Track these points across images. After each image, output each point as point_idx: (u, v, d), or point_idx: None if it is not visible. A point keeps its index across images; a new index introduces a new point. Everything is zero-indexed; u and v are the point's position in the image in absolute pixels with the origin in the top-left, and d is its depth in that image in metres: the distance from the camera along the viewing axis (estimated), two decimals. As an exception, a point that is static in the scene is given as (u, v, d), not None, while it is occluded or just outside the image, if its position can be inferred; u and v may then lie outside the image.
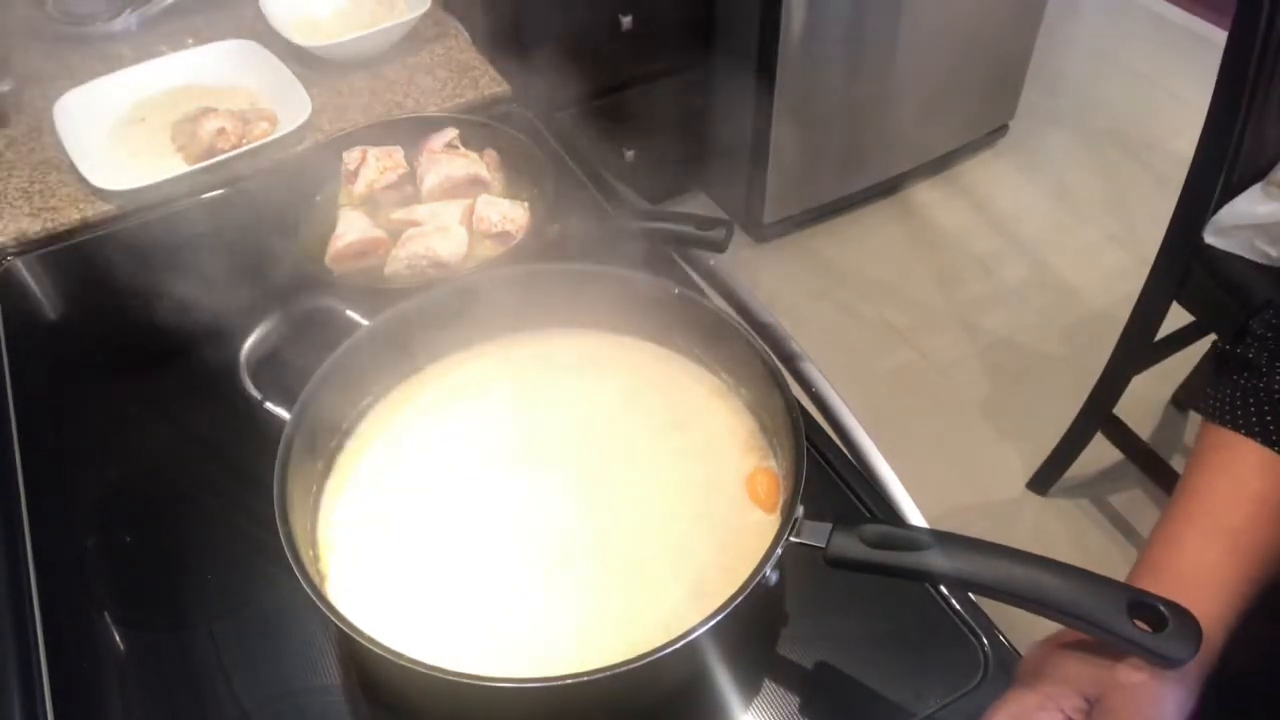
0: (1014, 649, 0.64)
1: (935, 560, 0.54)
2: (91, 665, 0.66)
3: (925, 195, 2.47)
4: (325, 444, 0.69)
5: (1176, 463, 1.84)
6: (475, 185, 0.94)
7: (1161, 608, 0.50)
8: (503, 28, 1.88)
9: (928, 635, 0.66)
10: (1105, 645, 0.52)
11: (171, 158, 1.08)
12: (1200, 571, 0.57)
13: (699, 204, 2.44)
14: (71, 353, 0.88)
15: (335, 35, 1.20)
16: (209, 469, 0.73)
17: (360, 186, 0.95)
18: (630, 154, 2.17)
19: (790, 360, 0.83)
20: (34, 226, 1.00)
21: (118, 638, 0.68)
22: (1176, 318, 1.49)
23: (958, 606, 0.66)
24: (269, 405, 0.66)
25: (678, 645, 0.52)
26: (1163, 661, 0.50)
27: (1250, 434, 0.61)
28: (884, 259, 2.32)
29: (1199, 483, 0.61)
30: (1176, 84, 2.78)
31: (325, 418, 0.68)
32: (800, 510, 0.58)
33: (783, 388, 0.65)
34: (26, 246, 0.99)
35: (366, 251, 0.88)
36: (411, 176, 0.96)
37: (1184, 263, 1.39)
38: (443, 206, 0.91)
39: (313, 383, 0.66)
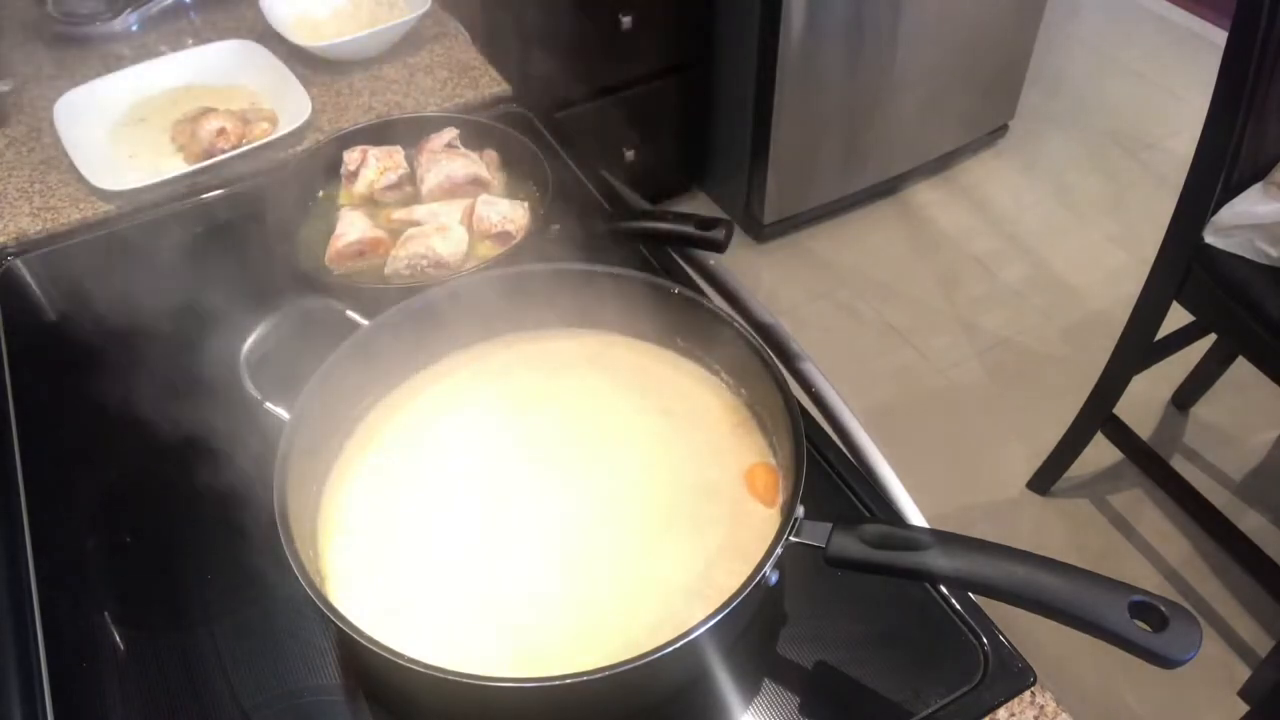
0: (1014, 649, 0.64)
1: (935, 560, 0.54)
2: (91, 665, 0.66)
3: (925, 195, 2.47)
4: (325, 444, 0.69)
5: (1177, 463, 1.85)
6: (475, 185, 0.94)
7: (1162, 608, 0.50)
8: (503, 28, 1.87)
9: (928, 635, 0.66)
10: None
11: (171, 158, 1.08)
12: None
13: (699, 204, 2.44)
14: (71, 353, 0.88)
15: (335, 35, 1.20)
16: (209, 469, 0.73)
17: (360, 186, 0.95)
18: (630, 154, 2.16)
19: (790, 360, 0.83)
20: (34, 226, 1.00)
21: (118, 638, 0.68)
22: (1176, 318, 1.49)
23: (958, 606, 0.66)
24: (269, 405, 0.66)
25: (678, 645, 0.52)
26: (1163, 662, 0.49)
27: None
28: (884, 259, 2.32)
29: None
30: (1176, 84, 2.78)
31: (325, 417, 0.68)
32: (800, 510, 0.58)
33: (783, 387, 0.65)
34: (26, 246, 0.99)
35: (366, 251, 0.88)
36: (411, 176, 0.96)
37: (1184, 263, 1.39)
38: (443, 206, 0.91)
39: (313, 383, 0.66)
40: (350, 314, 0.73)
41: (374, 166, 0.95)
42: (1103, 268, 2.27)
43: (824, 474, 0.75)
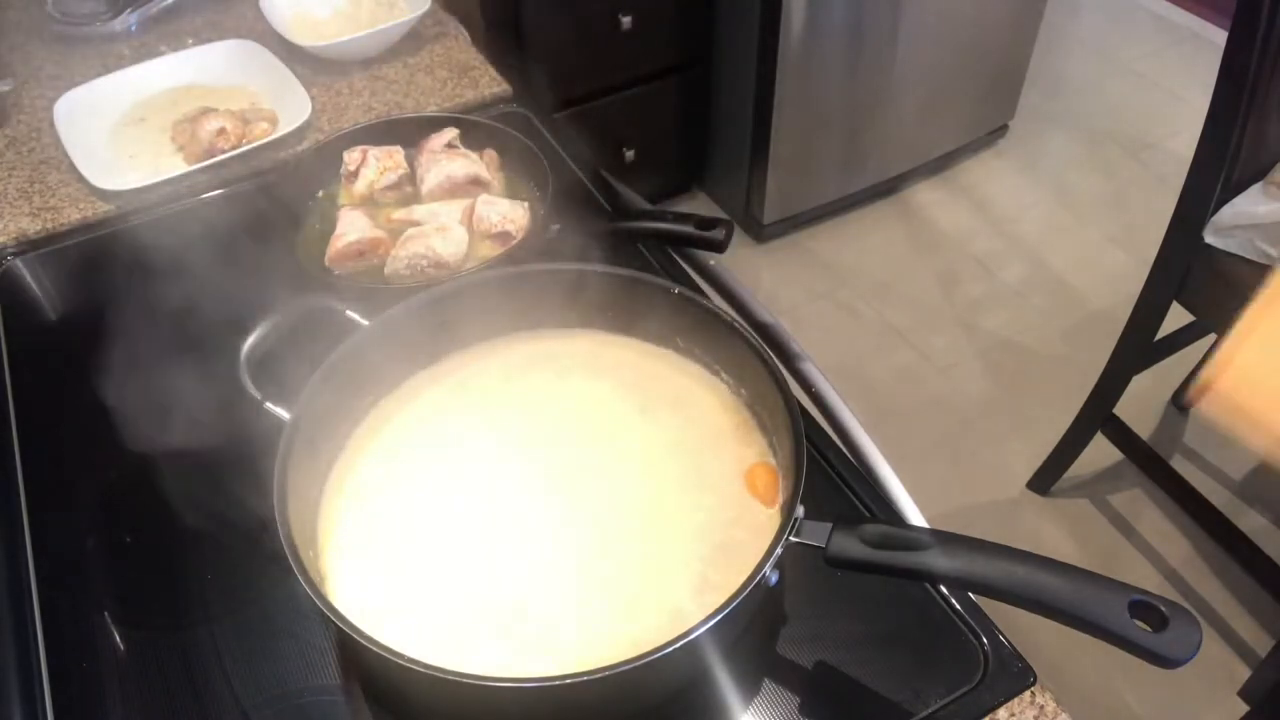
0: (1014, 649, 0.64)
1: (935, 560, 0.54)
2: (91, 665, 0.66)
3: (925, 195, 2.47)
4: (325, 444, 0.69)
5: (1177, 463, 1.85)
6: (475, 185, 0.94)
7: (1162, 608, 0.50)
8: (503, 28, 1.88)
9: (928, 635, 0.66)
10: None
11: (171, 158, 1.08)
12: None
13: (699, 204, 2.44)
14: (71, 353, 0.88)
15: (335, 35, 1.20)
16: (209, 469, 0.73)
17: (360, 186, 0.95)
18: (630, 154, 2.17)
19: (790, 360, 0.83)
20: (34, 226, 1.00)
21: (118, 638, 0.68)
22: (1176, 318, 1.49)
23: (958, 606, 0.66)
24: (269, 405, 0.66)
25: (678, 645, 0.52)
26: (1163, 662, 0.49)
27: None
28: (884, 259, 2.32)
29: None
30: (1176, 84, 2.78)
31: (325, 418, 0.68)
32: (800, 510, 0.58)
33: (782, 387, 0.65)
34: (26, 246, 0.99)
35: (366, 251, 0.88)
36: (411, 176, 0.96)
37: (1184, 263, 1.39)
38: (443, 206, 0.91)
39: (312, 383, 0.66)
40: (350, 314, 0.73)
41: (374, 166, 0.95)
42: (1103, 268, 2.27)
43: (824, 474, 0.75)
